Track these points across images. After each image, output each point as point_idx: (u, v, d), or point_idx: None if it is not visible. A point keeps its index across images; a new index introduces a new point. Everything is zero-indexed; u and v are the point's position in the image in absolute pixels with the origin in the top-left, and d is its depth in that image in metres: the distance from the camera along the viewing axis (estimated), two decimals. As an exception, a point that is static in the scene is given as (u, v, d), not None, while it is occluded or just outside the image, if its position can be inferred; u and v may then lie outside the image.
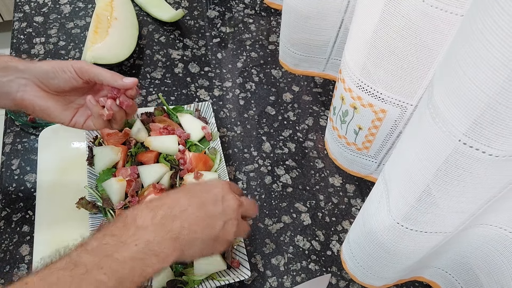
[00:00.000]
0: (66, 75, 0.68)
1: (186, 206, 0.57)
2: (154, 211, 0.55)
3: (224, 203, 0.60)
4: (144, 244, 0.51)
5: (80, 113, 0.73)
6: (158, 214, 0.54)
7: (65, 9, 1.15)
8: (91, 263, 0.47)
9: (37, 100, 0.68)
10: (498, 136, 0.39)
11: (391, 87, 0.67)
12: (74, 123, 0.72)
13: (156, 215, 0.54)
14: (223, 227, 0.59)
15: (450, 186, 0.47)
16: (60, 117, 0.71)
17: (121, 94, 0.71)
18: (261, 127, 0.98)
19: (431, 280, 0.78)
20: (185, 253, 0.56)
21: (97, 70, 0.68)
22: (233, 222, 0.60)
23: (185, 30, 1.14)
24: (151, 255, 0.51)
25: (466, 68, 0.38)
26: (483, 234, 0.59)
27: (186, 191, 0.60)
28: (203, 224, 0.57)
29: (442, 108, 0.42)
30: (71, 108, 0.72)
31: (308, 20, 0.90)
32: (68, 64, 0.67)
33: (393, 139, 0.77)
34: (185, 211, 0.56)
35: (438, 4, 0.52)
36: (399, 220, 0.57)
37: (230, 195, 0.62)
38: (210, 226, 0.58)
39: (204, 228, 0.57)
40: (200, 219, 0.57)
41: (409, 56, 0.61)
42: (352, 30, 0.70)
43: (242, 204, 0.63)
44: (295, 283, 0.78)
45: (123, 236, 0.51)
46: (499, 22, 0.33)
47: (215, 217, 0.59)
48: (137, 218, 0.53)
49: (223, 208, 0.60)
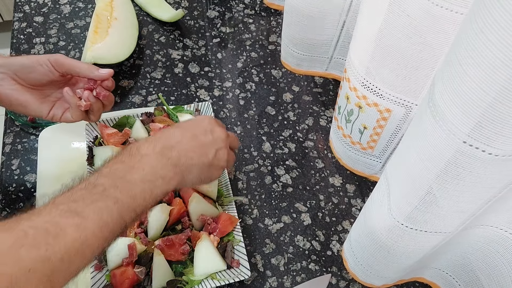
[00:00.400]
0: (43, 68, 0.69)
1: (181, 138, 0.63)
2: (154, 143, 0.61)
3: (213, 134, 0.67)
4: (150, 168, 0.57)
5: (57, 106, 0.74)
6: (158, 145, 0.60)
7: (65, 9, 1.15)
8: (107, 184, 0.53)
9: (13, 93, 0.70)
10: (499, 136, 0.39)
11: (396, 87, 0.67)
12: (52, 116, 0.74)
13: (156, 146, 0.60)
14: (215, 155, 0.66)
15: (450, 185, 0.47)
16: (37, 110, 0.72)
17: (97, 86, 0.74)
18: (261, 127, 0.97)
19: (431, 281, 0.77)
20: (185, 178, 0.63)
21: (73, 62, 0.71)
22: (224, 150, 0.68)
23: (185, 30, 1.14)
24: (157, 177, 0.57)
25: (467, 67, 0.38)
26: (483, 235, 0.59)
27: (178, 127, 0.67)
28: (198, 152, 0.64)
29: (443, 107, 0.42)
30: (48, 101, 0.73)
31: (310, 19, 0.90)
32: (44, 58, 0.69)
33: (398, 139, 0.76)
34: (180, 142, 0.63)
35: (443, 3, 0.52)
36: (400, 219, 0.57)
37: (218, 127, 0.69)
38: (204, 154, 0.65)
39: (199, 156, 0.64)
40: (195, 148, 0.64)
41: (414, 55, 0.61)
42: (357, 29, 0.70)
43: (228, 135, 0.71)
44: (295, 283, 0.78)
45: (131, 162, 0.57)
46: (500, 20, 0.33)
47: (208, 146, 0.66)
48: (141, 149, 0.59)
49: (214, 138, 0.67)
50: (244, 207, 0.86)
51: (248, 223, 0.84)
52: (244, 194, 0.87)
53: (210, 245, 0.73)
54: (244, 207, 0.86)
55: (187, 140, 0.64)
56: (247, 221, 0.84)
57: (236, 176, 0.90)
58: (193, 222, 0.77)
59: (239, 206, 0.85)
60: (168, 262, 0.73)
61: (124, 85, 1.01)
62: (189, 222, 0.77)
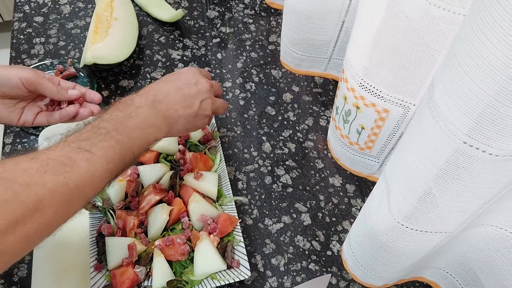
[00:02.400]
0: (12, 83, 0.69)
1: (167, 92, 0.69)
2: (145, 96, 0.66)
3: (197, 85, 0.73)
4: (144, 117, 0.63)
5: (26, 112, 0.74)
6: (149, 98, 0.66)
7: (65, 9, 1.15)
8: (110, 127, 0.59)
9: None
10: (499, 136, 0.39)
11: (394, 87, 0.67)
12: (23, 123, 0.74)
13: (148, 99, 0.66)
14: (200, 105, 0.72)
15: (450, 185, 0.47)
16: (7, 119, 0.73)
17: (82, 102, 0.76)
18: (261, 127, 0.97)
19: (432, 280, 0.78)
20: (173, 128, 0.69)
21: (43, 83, 0.71)
22: (208, 100, 0.73)
23: (185, 30, 1.14)
24: (150, 125, 0.64)
25: (466, 67, 0.38)
26: (484, 234, 0.59)
27: (163, 81, 0.72)
28: (183, 104, 0.70)
29: (443, 107, 0.42)
30: (17, 109, 0.73)
31: (309, 20, 0.90)
32: (15, 74, 0.69)
33: (396, 139, 0.77)
34: (167, 96, 0.69)
35: (441, 3, 0.52)
36: (399, 219, 0.57)
37: (202, 79, 0.74)
38: (189, 105, 0.71)
39: (185, 107, 0.70)
40: (180, 100, 0.70)
41: (412, 56, 0.61)
42: (355, 30, 0.70)
43: (212, 85, 0.76)
44: (295, 283, 0.78)
45: (128, 111, 0.63)
46: (499, 21, 0.33)
47: (192, 97, 0.71)
48: (135, 100, 0.65)
49: (197, 89, 0.72)
50: (244, 207, 0.86)
51: (248, 223, 0.84)
52: (244, 194, 0.87)
53: (210, 245, 0.74)
54: (244, 207, 0.86)
55: (173, 94, 0.69)
56: (247, 221, 0.84)
57: (236, 176, 0.90)
58: (193, 222, 0.77)
59: (239, 206, 0.85)
60: (168, 262, 0.73)
61: (124, 85, 1.01)
62: (189, 222, 0.77)
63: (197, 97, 0.72)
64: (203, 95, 0.72)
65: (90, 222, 0.76)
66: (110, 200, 0.78)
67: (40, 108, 0.75)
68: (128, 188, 0.79)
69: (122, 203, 0.78)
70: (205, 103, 0.73)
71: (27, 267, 0.75)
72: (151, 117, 0.64)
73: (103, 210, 0.78)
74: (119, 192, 0.78)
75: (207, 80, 0.75)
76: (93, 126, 0.59)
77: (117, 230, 0.75)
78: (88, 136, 0.57)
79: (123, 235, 0.75)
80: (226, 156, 0.92)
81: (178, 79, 0.72)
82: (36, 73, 0.71)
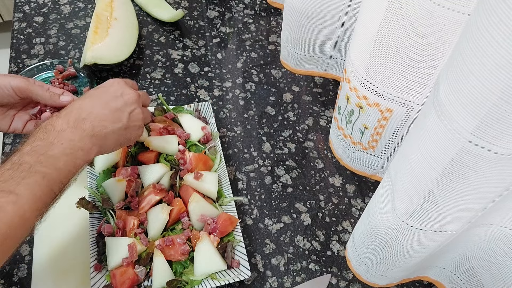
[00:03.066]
0: (4, 92, 0.69)
1: (91, 108, 0.65)
2: (67, 117, 0.62)
3: (124, 97, 0.69)
4: (68, 143, 0.59)
5: (16, 119, 0.74)
6: (71, 119, 0.62)
7: (65, 9, 1.15)
8: (32, 161, 0.55)
9: None
10: (504, 134, 0.39)
11: (397, 86, 0.67)
12: (13, 130, 0.73)
13: (70, 120, 0.62)
14: (129, 117, 0.69)
15: (455, 184, 0.46)
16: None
17: None
18: (261, 127, 0.97)
19: (436, 280, 0.77)
20: (104, 146, 0.65)
21: (35, 90, 0.70)
22: (137, 110, 0.71)
23: (185, 30, 1.14)
24: (77, 149, 0.60)
25: (471, 66, 0.38)
26: (488, 233, 0.59)
27: (88, 97, 0.68)
28: (111, 119, 0.66)
29: (448, 106, 0.42)
30: (7, 116, 0.73)
31: (309, 19, 0.90)
32: (6, 83, 0.69)
33: (399, 138, 0.77)
34: (92, 112, 0.64)
35: (445, 2, 0.52)
36: (404, 218, 0.57)
37: (128, 90, 0.71)
38: (118, 119, 0.67)
39: (113, 122, 0.66)
40: (107, 115, 0.66)
41: (415, 55, 0.61)
42: (357, 29, 0.70)
43: (140, 95, 0.73)
44: (295, 283, 0.78)
45: (49, 139, 0.59)
46: (504, 19, 0.33)
47: (120, 110, 0.68)
48: (55, 125, 0.61)
49: (125, 101, 0.69)
50: (244, 207, 0.86)
51: (248, 223, 0.84)
52: (244, 194, 0.87)
53: (210, 245, 0.73)
54: (244, 207, 0.86)
55: (99, 109, 0.66)
56: (247, 221, 0.84)
57: (236, 176, 0.90)
58: (193, 222, 0.77)
59: (239, 206, 0.85)
60: (168, 262, 0.72)
61: (124, 85, 1.01)
62: (189, 222, 0.77)
63: (125, 109, 0.68)
64: (131, 106, 0.69)
65: (90, 222, 0.76)
66: (110, 200, 0.78)
67: (30, 116, 0.74)
68: (128, 188, 0.79)
69: (122, 203, 0.77)
70: (134, 114, 0.70)
71: (27, 267, 0.75)
72: (77, 139, 0.61)
73: (103, 210, 0.78)
74: (119, 192, 0.78)
75: (134, 91, 0.72)
76: (14, 163, 0.55)
77: (117, 230, 0.75)
78: (10, 175, 0.53)
79: (123, 235, 0.75)
80: (226, 156, 0.92)
81: (103, 93, 0.69)
82: (28, 81, 0.70)
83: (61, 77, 0.97)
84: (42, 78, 0.98)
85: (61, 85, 0.96)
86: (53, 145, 0.58)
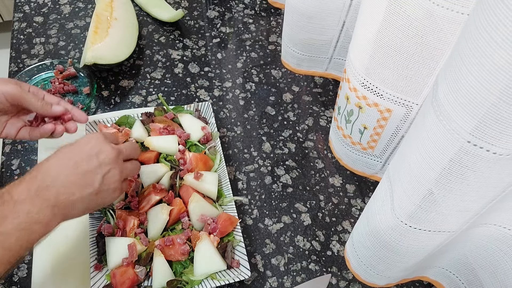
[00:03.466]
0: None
1: (58, 173, 0.59)
2: (28, 184, 0.57)
3: (99, 156, 0.62)
4: (25, 216, 0.54)
5: (9, 126, 0.73)
6: (32, 188, 0.57)
7: (65, 9, 1.15)
8: None
9: None
10: (503, 135, 0.39)
11: (397, 87, 0.67)
12: (5, 136, 0.73)
13: (31, 188, 0.57)
14: (102, 181, 0.62)
15: (454, 184, 0.46)
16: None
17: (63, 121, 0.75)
18: (261, 128, 0.97)
19: (435, 280, 0.77)
20: (69, 214, 0.60)
21: (28, 98, 0.69)
22: (113, 171, 0.63)
23: (185, 30, 1.14)
24: (33, 223, 0.55)
25: (470, 66, 0.38)
26: (487, 233, 0.59)
27: (58, 157, 0.61)
28: (81, 183, 0.60)
29: (447, 106, 0.42)
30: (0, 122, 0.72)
31: (310, 19, 0.90)
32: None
33: (399, 139, 0.77)
34: (58, 178, 0.58)
35: (444, 3, 0.52)
36: (403, 218, 0.57)
37: (106, 147, 0.64)
38: (89, 183, 0.61)
39: (82, 187, 0.60)
40: (76, 180, 0.60)
41: (414, 55, 0.61)
42: (357, 30, 0.70)
43: (121, 151, 0.66)
44: (295, 283, 0.78)
45: (4, 212, 0.54)
46: (503, 19, 0.33)
47: (92, 173, 0.61)
48: (13, 194, 0.56)
49: (99, 161, 0.62)
50: (244, 207, 0.86)
51: (248, 223, 0.84)
52: (244, 194, 0.87)
53: (210, 245, 0.73)
54: (244, 207, 0.86)
55: (67, 172, 0.59)
56: (247, 221, 0.84)
57: (236, 176, 0.90)
58: (193, 222, 0.77)
59: (239, 206, 0.85)
60: (168, 262, 0.73)
61: (124, 85, 1.01)
62: (189, 222, 0.77)
63: (98, 172, 0.61)
64: (106, 167, 0.62)
65: (90, 222, 0.76)
66: (110, 200, 0.78)
67: (24, 122, 0.74)
68: (128, 188, 0.79)
69: (122, 203, 0.78)
70: (109, 176, 0.63)
71: (27, 267, 0.75)
72: (35, 211, 0.55)
73: (103, 210, 0.78)
74: (119, 192, 0.78)
75: (113, 147, 0.65)
76: None
77: (117, 230, 0.75)
78: None
79: (123, 235, 0.75)
80: (226, 156, 0.92)
81: (77, 152, 0.62)
82: (21, 87, 0.68)
83: (61, 77, 0.97)
84: (42, 78, 0.98)
85: (61, 85, 0.96)
86: (6, 220, 0.53)
